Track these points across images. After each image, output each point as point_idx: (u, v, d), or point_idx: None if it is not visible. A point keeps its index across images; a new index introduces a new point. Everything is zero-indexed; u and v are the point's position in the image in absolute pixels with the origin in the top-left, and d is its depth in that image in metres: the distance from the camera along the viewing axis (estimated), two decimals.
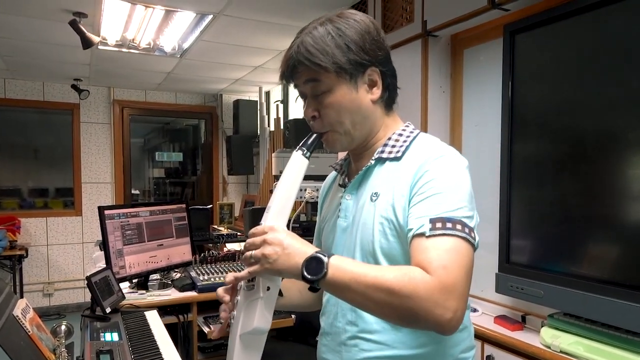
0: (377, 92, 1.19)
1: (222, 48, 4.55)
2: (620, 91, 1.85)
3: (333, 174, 1.44)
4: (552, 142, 2.11)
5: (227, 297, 1.20)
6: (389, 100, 1.24)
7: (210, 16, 3.71)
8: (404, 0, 2.87)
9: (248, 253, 1.05)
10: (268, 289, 1.09)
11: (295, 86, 1.22)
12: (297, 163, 1.16)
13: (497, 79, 2.34)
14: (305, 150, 1.16)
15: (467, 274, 0.99)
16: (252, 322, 1.08)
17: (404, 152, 1.18)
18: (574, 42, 2.01)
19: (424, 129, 2.70)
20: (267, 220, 1.10)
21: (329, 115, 1.17)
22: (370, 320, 1.16)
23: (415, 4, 2.76)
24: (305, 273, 0.99)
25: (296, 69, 1.16)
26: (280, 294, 1.18)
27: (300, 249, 1.02)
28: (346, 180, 1.31)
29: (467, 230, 1.02)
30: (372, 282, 0.96)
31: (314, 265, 0.99)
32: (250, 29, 3.97)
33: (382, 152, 1.20)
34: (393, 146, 1.20)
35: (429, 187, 1.07)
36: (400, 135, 1.23)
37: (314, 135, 1.19)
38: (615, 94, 1.86)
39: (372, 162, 1.21)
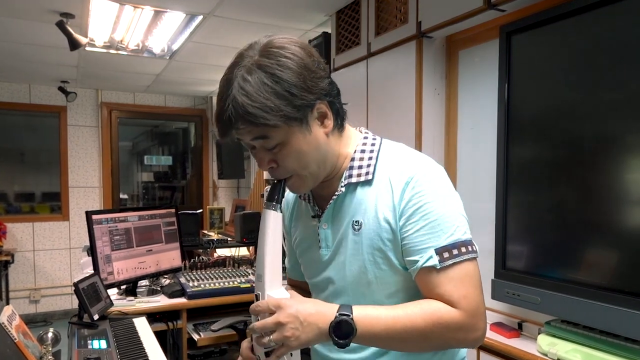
0: (329, 123, 1.11)
1: (213, 49, 4.51)
2: (618, 93, 1.83)
3: (292, 195, 1.36)
4: (549, 146, 2.09)
5: None
6: (341, 122, 1.16)
7: (200, 17, 3.68)
8: (398, 1, 2.85)
9: (266, 339, 1.00)
10: (291, 355, 1.06)
11: (239, 140, 1.09)
12: (272, 221, 1.08)
13: (493, 81, 2.32)
14: (275, 204, 1.08)
15: (481, 290, 1.06)
16: None
17: (373, 173, 1.13)
18: (571, 43, 1.99)
19: (418, 131, 2.67)
20: (264, 290, 1.05)
21: (290, 164, 1.08)
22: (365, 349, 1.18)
23: (410, 5, 2.74)
24: (336, 338, 1.00)
25: (237, 127, 1.02)
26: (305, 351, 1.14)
27: (318, 315, 1.01)
28: (316, 208, 1.23)
29: (470, 248, 1.06)
30: (402, 329, 1.01)
31: (342, 327, 1.00)
32: (241, 29, 3.94)
33: (350, 176, 1.15)
34: (360, 167, 1.15)
35: (422, 214, 1.05)
36: (363, 151, 1.17)
37: (278, 185, 1.11)
38: (613, 96, 1.85)
39: (342, 189, 1.15)
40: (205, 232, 5.52)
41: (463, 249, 1.04)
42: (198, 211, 5.06)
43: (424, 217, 1.05)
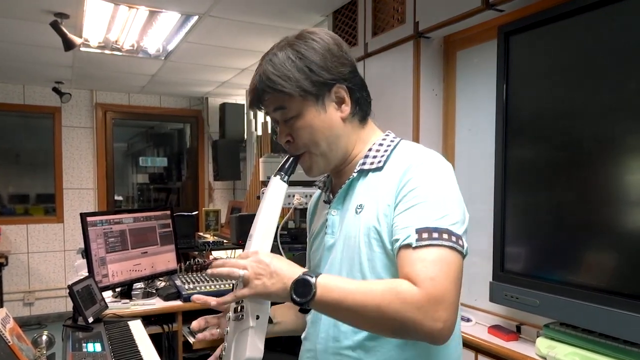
0: (346, 109, 1.19)
1: (208, 50, 4.50)
2: (618, 94, 1.82)
3: (318, 192, 1.44)
4: (547, 147, 2.08)
5: (197, 324, 1.27)
6: (361, 114, 1.24)
7: (196, 17, 3.66)
8: (395, 1, 2.84)
9: (235, 273, 1.04)
10: (257, 317, 1.08)
11: (266, 114, 1.23)
12: (277, 188, 1.17)
13: (491, 81, 2.30)
14: (284, 175, 1.18)
15: (456, 283, 0.99)
16: (244, 352, 1.07)
17: (385, 162, 1.18)
18: (570, 43, 1.98)
19: (416, 133, 2.66)
20: (249, 247, 1.11)
21: (303, 137, 1.17)
22: (353, 336, 1.14)
23: (407, 5, 2.73)
24: (294, 296, 0.99)
25: (262, 98, 1.17)
26: (270, 321, 1.18)
27: (288, 271, 1.02)
28: (330, 196, 1.30)
29: (454, 238, 1.02)
30: (360, 300, 0.97)
31: (302, 287, 0.99)
32: (236, 30, 3.93)
33: (364, 164, 1.21)
34: (374, 157, 1.20)
35: (413, 196, 1.07)
36: (381, 145, 1.23)
37: (291, 159, 1.20)
38: (613, 97, 1.83)
39: (355, 174, 1.21)
40: (201, 234, 5.51)
41: (445, 236, 1.00)
42: (194, 213, 5.06)
43: (415, 198, 1.06)
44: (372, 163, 1.19)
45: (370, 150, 1.22)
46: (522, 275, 2.13)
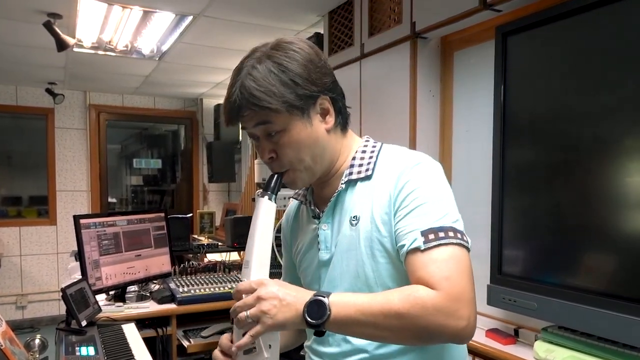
0: (330, 120, 1.16)
1: (203, 50, 4.49)
2: (617, 95, 1.81)
3: (294, 204, 1.40)
4: (546, 149, 2.07)
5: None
6: (343, 123, 1.22)
7: (190, 17, 3.65)
8: (392, 1, 2.82)
9: (243, 314, 1.00)
10: (270, 346, 1.05)
11: (244, 128, 1.17)
12: (266, 209, 1.11)
13: (489, 82, 2.29)
14: (270, 194, 1.12)
15: (470, 279, 1.00)
16: None
17: (373, 169, 1.17)
18: (569, 44, 1.97)
19: (412, 134, 2.65)
20: (249, 276, 1.07)
21: (288, 155, 1.13)
22: (365, 347, 1.13)
23: (404, 5, 2.71)
24: (309, 318, 0.97)
25: (242, 113, 1.11)
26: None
27: (297, 296, 1.00)
28: (316, 210, 1.26)
29: (459, 235, 1.02)
30: (379, 311, 0.96)
31: (316, 308, 0.98)
32: (231, 30, 3.92)
33: (351, 173, 1.18)
34: (360, 165, 1.18)
35: (412, 199, 1.06)
36: (364, 152, 1.21)
37: (275, 177, 1.15)
38: (611, 98, 1.82)
39: (343, 186, 1.18)
40: (196, 236, 5.48)
41: (451, 234, 1.01)
42: (188, 215, 5.03)
43: (414, 202, 1.05)
44: (359, 172, 1.17)
45: (354, 159, 1.20)
46: (520, 278, 2.12)
